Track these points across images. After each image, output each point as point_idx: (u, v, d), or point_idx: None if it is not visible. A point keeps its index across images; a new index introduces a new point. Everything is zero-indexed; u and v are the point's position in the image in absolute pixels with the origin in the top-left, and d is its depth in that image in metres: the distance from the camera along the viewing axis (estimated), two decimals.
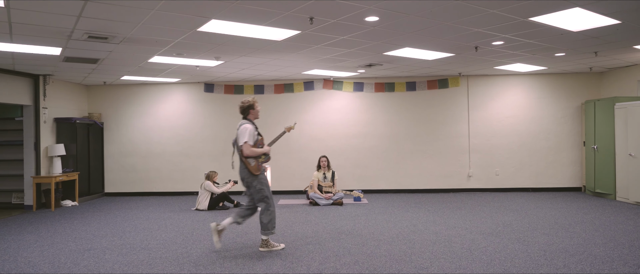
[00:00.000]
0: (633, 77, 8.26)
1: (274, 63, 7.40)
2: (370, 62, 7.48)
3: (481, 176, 9.31)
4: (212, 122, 9.59)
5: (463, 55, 6.97)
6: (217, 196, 7.53)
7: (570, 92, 9.23)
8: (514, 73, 9.12)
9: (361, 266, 4.15)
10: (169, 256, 4.63)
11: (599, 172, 8.35)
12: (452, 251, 4.60)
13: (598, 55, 7.12)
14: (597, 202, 7.61)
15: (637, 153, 7.35)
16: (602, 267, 4.01)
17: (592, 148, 8.51)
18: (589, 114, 8.70)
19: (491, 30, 5.41)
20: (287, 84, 9.49)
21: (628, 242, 4.87)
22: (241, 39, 5.55)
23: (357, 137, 9.46)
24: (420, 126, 9.40)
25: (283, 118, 9.50)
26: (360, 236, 5.34)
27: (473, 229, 5.65)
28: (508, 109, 9.31)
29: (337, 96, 9.53)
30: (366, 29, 5.23)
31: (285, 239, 5.28)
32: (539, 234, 5.31)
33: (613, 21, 5.05)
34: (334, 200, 7.74)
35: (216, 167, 9.21)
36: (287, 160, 9.47)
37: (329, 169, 8.04)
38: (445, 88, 9.36)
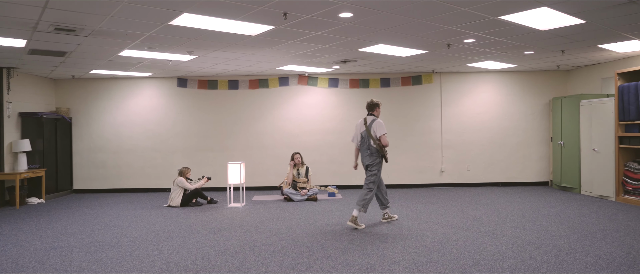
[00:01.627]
0: (597, 75, 8.56)
1: (248, 58, 7.34)
2: (344, 58, 7.51)
3: (453, 172, 9.49)
4: (186, 117, 9.46)
5: (436, 52, 7.07)
6: (190, 192, 7.44)
7: (539, 90, 9.49)
8: (485, 70, 9.31)
9: (334, 261, 4.17)
10: (139, 254, 4.55)
11: (565, 167, 8.64)
12: (424, 245, 4.68)
13: (565, 53, 7.34)
14: (562, 196, 7.87)
15: (601, 149, 7.63)
16: (566, 258, 4.16)
17: (559, 144, 8.79)
18: (556, 110, 8.97)
19: (463, 28, 5.51)
20: (262, 80, 9.43)
21: (590, 234, 5.06)
22: (214, 33, 5.48)
23: (332, 133, 9.49)
24: (394, 122, 9.49)
25: (258, 114, 9.45)
26: (333, 231, 5.38)
27: (444, 223, 5.76)
28: (479, 106, 9.51)
29: (312, 91, 9.53)
30: (340, 25, 5.25)
31: (259, 235, 5.27)
32: (507, 227, 5.46)
33: (578, 21, 5.21)
34: (309, 196, 7.76)
35: (189, 163, 9.10)
36: (261, 155, 9.42)
37: (302, 165, 8.05)
38: (418, 84, 9.48)
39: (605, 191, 7.52)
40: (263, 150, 9.45)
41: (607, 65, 8.30)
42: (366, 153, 5.68)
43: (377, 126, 5.61)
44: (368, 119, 5.74)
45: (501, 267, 3.93)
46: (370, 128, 5.64)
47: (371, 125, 5.64)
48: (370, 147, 5.63)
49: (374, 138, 5.59)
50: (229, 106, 9.47)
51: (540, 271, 3.81)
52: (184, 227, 5.77)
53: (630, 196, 7.07)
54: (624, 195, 7.19)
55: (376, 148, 5.59)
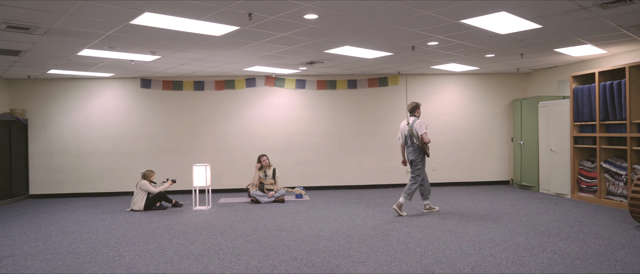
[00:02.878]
0: (554, 78, 8.91)
1: (213, 59, 7.24)
2: (311, 59, 7.52)
3: None
4: (150, 119, 9.24)
5: (401, 54, 7.18)
6: (154, 196, 7.27)
7: (500, 92, 9.79)
8: (449, 72, 9.53)
9: (299, 263, 4.17)
10: (99, 260, 4.41)
11: (524, 166, 8.94)
12: (389, 245, 4.74)
13: (524, 57, 7.61)
14: (522, 195, 8.14)
15: (557, 148, 7.95)
16: (524, 254, 4.30)
17: (519, 144, 9.09)
18: (516, 112, 9.28)
19: (426, 31, 5.62)
20: (228, 81, 9.33)
21: (547, 230, 5.26)
22: (178, 33, 5.38)
23: (300, 134, 9.49)
24: (362, 123, 9.59)
25: (224, 115, 9.34)
26: (300, 233, 5.37)
27: (409, 223, 5.85)
28: (444, 107, 9.72)
29: (279, 93, 9.50)
30: (306, 27, 5.25)
31: (224, 238, 5.20)
32: (469, 225, 5.60)
33: (535, 25, 5.41)
34: (276, 197, 7.72)
35: (153, 165, 8.88)
36: (228, 157, 9.32)
37: (269, 166, 8.01)
38: (385, 86, 9.61)
39: (562, 189, 7.83)
40: (230, 152, 9.34)
41: (563, 69, 8.65)
42: (410, 150, 6.47)
43: (419, 125, 6.36)
44: (410, 120, 6.48)
45: (463, 264, 4.03)
46: (412, 128, 6.37)
47: (413, 125, 6.39)
48: (413, 144, 6.40)
49: (416, 136, 6.32)
50: (194, 107, 9.32)
51: (499, 267, 3.93)
52: (147, 231, 5.63)
53: (585, 193, 7.39)
54: (578, 193, 7.50)
55: (418, 145, 6.35)
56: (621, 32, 5.75)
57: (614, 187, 6.84)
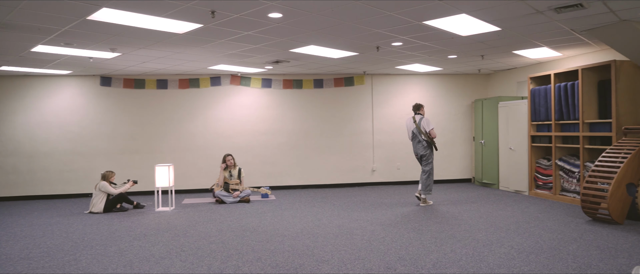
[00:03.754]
0: (513, 79, 9.22)
1: (177, 57, 7.09)
2: (277, 58, 7.49)
3: (384, 171, 9.79)
4: (110, 118, 8.95)
5: (366, 54, 7.25)
6: (114, 197, 7.05)
7: (462, 92, 10.04)
8: (414, 73, 9.70)
9: (263, 263, 4.14)
10: (53, 265, 4.23)
11: (485, 164, 9.21)
12: (353, 243, 4.78)
13: (484, 58, 7.83)
14: (483, 192, 8.38)
15: (516, 147, 8.23)
16: (483, 250, 4.43)
17: (480, 143, 9.36)
18: (477, 111, 9.55)
19: (390, 32, 5.69)
20: (192, 79, 9.16)
21: (505, 226, 5.44)
22: (138, 30, 5.24)
23: (266, 133, 9.43)
24: (328, 122, 9.62)
25: (188, 114, 9.16)
26: (265, 233, 5.34)
27: (374, 221, 5.92)
28: (408, 107, 9.83)
29: (245, 92, 9.40)
30: (270, 26, 5.22)
31: (187, 239, 5.10)
32: (432, 223, 5.72)
33: (495, 28, 5.57)
34: (241, 197, 7.64)
35: (114, 166, 8.62)
36: (192, 157, 9.15)
37: (235, 166, 7.92)
38: (351, 86, 9.68)
39: (520, 186, 8.11)
40: (194, 152, 9.17)
41: (521, 70, 8.96)
42: (419, 146, 6.94)
43: (426, 122, 6.90)
44: (416, 118, 6.98)
45: (424, 261, 4.10)
46: (420, 125, 6.90)
47: (420, 123, 6.91)
48: (421, 140, 6.89)
49: (424, 132, 6.85)
50: (157, 106, 9.10)
51: (459, 263, 4.03)
52: (106, 234, 5.45)
53: (541, 190, 7.68)
54: (535, 189, 7.80)
55: (426, 140, 6.85)
56: (574, 35, 6.00)
57: (568, 184, 7.14)
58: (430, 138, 6.89)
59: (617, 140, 6.15)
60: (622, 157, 5.63)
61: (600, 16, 5.05)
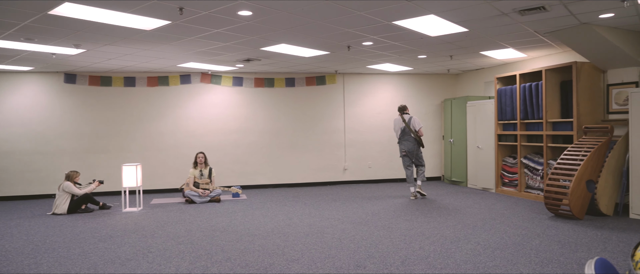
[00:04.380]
0: (481, 79, 9.44)
1: (144, 54, 6.94)
2: (248, 57, 7.43)
3: (355, 169, 9.86)
4: (75, 116, 8.67)
5: (337, 53, 7.28)
6: (78, 198, 6.84)
7: (432, 91, 10.22)
8: (385, 72, 9.80)
9: (233, 263, 4.10)
10: (13, 269, 4.07)
11: (454, 162, 9.40)
12: (323, 242, 4.79)
13: (453, 58, 7.99)
14: (452, 189, 8.56)
15: (484, 146, 8.43)
16: (450, 246, 4.52)
17: (449, 141, 9.54)
18: (447, 111, 9.73)
19: (360, 31, 5.73)
20: (161, 77, 8.98)
21: (472, 223, 5.57)
22: (103, 26, 5.09)
23: (237, 132, 9.34)
24: (299, 121, 9.61)
25: (157, 113, 8.98)
26: (235, 232, 5.29)
27: (345, 219, 5.95)
28: (379, 106, 9.98)
29: (215, 90, 9.29)
30: (240, 23, 5.17)
31: (155, 240, 5.00)
32: (402, 220, 5.79)
33: (462, 29, 5.69)
34: (211, 197, 7.55)
35: (79, 166, 8.36)
36: (161, 157, 8.97)
37: (206, 165, 7.82)
38: (322, 85, 9.70)
39: (487, 184, 8.32)
40: (163, 151, 9.00)
41: (489, 70, 9.18)
42: (408, 143, 7.42)
43: (416, 122, 7.42)
44: (405, 117, 7.44)
45: (393, 258, 4.15)
46: (409, 124, 7.39)
47: (410, 122, 7.40)
48: (410, 138, 7.39)
49: (414, 131, 7.35)
50: (125, 104, 8.88)
51: (427, 259, 4.10)
52: (69, 236, 5.29)
53: (507, 187, 7.90)
54: (502, 187, 8.01)
55: (415, 138, 7.38)
56: (538, 37, 6.19)
57: (533, 181, 7.37)
58: (419, 136, 7.38)
59: (578, 139, 6.38)
60: (583, 155, 5.85)
61: (562, 19, 5.23)
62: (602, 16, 5.14)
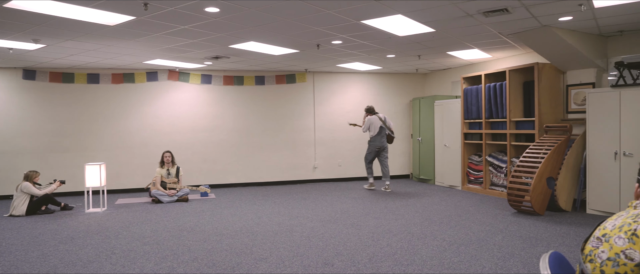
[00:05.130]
0: (448, 79, 9.63)
1: (108, 50, 6.74)
2: (216, 54, 7.33)
3: (325, 167, 9.89)
4: (34, 114, 8.34)
5: (307, 52, 7.27)
6: (38, 199, 6.59)
7: (401, 90, 10.35)
8: (355, 71, 9.87)
9: (200, 263, 4.05)
10: None
11: (422, 160, 9.57)
12: (292, 240, 4.78)
13: (421, 58, 8.12)
14: (420, 187, 8.70)
15: (451, 144, 8.61)
16: (417, 243, 4.60)
17: (418, 140, 9.70)
18: (415, 110, 9.89)
19: (330, 30, 5.75)
20: (127, 74, 8.75)
21: (439, 219, 5.68)
22: (64, 20, 4.92)
23: (205, 131, 9.21)
24: (269, 119, 9.56)
25: (123, 110, 8.75)
26: (202, 232, 5.21)
27: (314, 217, 5.96)
28: (349, 105, 10.04)
29: (183, 88, 9.12)
30: (207, 20, 5.09)
31: (119, 241, 4.88)
32: (370, 218, 5.85)
33: (429, 29, 5.78)
34: (179, 197, 7.42)
35: (40, 166, 8.05)
36: (127, 156, 8.75)
37: (173, 164, 7.67)
38: (293, 83, 9.68)
39: (454, 181, 8.51)
40: (129, 149, 8.77)
41: (455, 70, 9.38)
42: (384, 140, 8.10)
43: (390, 120, 8.29)
44: (381, 116, 8.10)
45: (361, 255, 4.19)
46: (385, 122, 8.08)
47: (386, 120, 8.11)
48: (384, 135, 8.05)
49: (389, 128, 8.08)
50: (88, 101, 8.60)
51: (394, 256, 4.16)
52: (28, 238, 5.09)
53: (473, 184, 8.10)
54: (468, 184, 8.21)
55: (388, 134, 8.08)
56: (502, 38, 6.37)
57: (497, 179, 7.58)
58: (392, 133, 8.17)
59: (539, 137, 6.60)
60: (543, 153, 6.06)
61: (524, 21, 5.40)
62: (561, 19, 5.33)
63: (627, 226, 1.51)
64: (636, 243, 1.45)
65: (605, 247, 1.54)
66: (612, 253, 1.50)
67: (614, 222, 1.59)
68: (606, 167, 5.72)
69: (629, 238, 1.47)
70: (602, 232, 1.59)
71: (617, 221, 1.58)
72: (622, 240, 1.49)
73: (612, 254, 1.50)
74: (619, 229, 1.53)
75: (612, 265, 1.48)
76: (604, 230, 1.60)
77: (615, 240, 1.51)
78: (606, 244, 1.54)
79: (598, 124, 5.81)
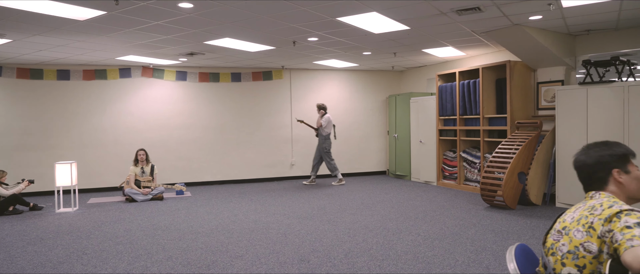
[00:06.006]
0: (424, 76, 9.76)
1: (79, 46, 6.57)
2: (191, 50, 7.23)
3: (302, 164, 9.89)
4: (1, 111, 8.06)
5: (283, 49, 7.25)
6: (5, 199, 6.38)
7: (378, 88, 10.43)
8: (331, 68, 9.89)
9: (174, 262, 4.00)
10: None
11: (398, 157, 9.67)
12: (268, 237, 4.78)
13: (397, 56, 8.19)
14: (396, 183, 8.80)
15: (426, 140, 8.73)
16: (392, 238, 4.65)
17: (394, 137, 9.80)
18: (391, 107, 9.98)
19: (305, 27, 5.74)
20: (99, 70, 8.54)
21: (414, 215, 5.76)
22: (31, 14, 4.77)
23: (181, 128, 9.08)
24: (246, 117, 9.50)
25: (95, 108, 8.54)
26: (177, 231, 5.15)
27: (290, 214, 5.96)
28: (326, 101, 10.03)
29: (158, 84, 8.97)
30: (181, 16, 5.02)
31: (91, 241, 4.77)
32: (346, 214, 5.89)
33: (404, 27, 5.84)
34: (153, 195, 7.30)
35: (6, 165, 7.80)
36: (100, 154, 8.55)
37: (147, 163, 7.55)
38: (269, 80, 9.63)
39: (429, 177, 8.63)
40: (102, 148, 8.58)
41: (431, 68, 9.50)
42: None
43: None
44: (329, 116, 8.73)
45: (337, 251, 4.22)
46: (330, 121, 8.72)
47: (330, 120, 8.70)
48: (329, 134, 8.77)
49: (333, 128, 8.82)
50: (58, 98, 8.37)
51: (370, 251, 4.20)
52: None
53: (448, 180, 8.24)
54: (443, 180, 8.34)
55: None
56: (475, 37, 6.48)
57: (471, 174, 7.73)
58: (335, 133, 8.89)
59: (511, 133, 6.76)
60: (515, 148, 6.20)
61: (496, 20, 5.51)
62: (531, 18, 5.46)
63: (584, 218, 1.57)
64: (593, 235, 1.51)
65: (565, 240, 1.60)
66: (572, 245, 1.56)
67: (573, 215, 1.64)
68: None
69: (587, 231, 1.53)
70: (562, 225, 1.64)
71: (576, 213, 1.63)
72: (580, 233, 1.54)
73: (572, 247, 1.55)
74: (577, 222, 1.59)
75: (572, 258, 1.54)
76: (564, 223, 1.65)
77: (575, 233, 1.57)
78: (566, 237, 1.60)
79: (567, 121, 5.99)
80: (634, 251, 1.32)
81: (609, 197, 1.61)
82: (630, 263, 1.32)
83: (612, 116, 5.47)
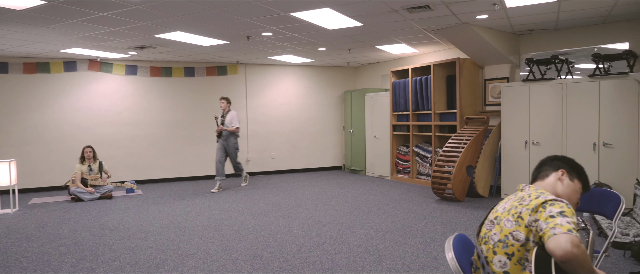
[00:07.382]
0: (378, 72, 9.92)
1: (17, 37, 6.20)
2: (141, 44, 6.99)
3: (258, 160, 9.82)
4: None
5: (237, 43, 7.15)
6: None
7: (333, 83, 10.51)
8: (287, 63, 9.86)
9: (122, 262, 3.87)
10: None
11: (354, 152, 9.79)
12: (221, 234, 4.72)
13: (351, 52, 8.28)
14: (351, 178, 8.91)
15: (380, 136, 8.89)
16: (345, 232, 4.72)
17: (349, 132, 9.91)
18: (347, 102, 10.08)
19: (259, 22, 5.68)
20: (41, 63, 8.09)
21: (367, 209, 5.86)
22: None
23: (131, 124, 8.77)
24: (200, 112, 9.30)
25: (37, 103, 8.10)
26: (126, 230, 4.99)
27: (245, 211, 5.91)
28: (282, 97, 10.03)
29: (106, 79, 8.61)
30: (128, 8, 4.84)
31: (32, 244, 4.54)
32: (301, 209, 5.91)
33: (357, 23, 5.90)
34: (101, 194, 7.03)
35: None
36: (43, 152, 8.13)
37: (95, 160, 7.25)
38: (224, 75, 9.48)
39: (384, 172, 8.80)
40: (45, 145, 8.15)
41: (385, 64, 9.67)
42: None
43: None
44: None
45: (290, 246, 4.23)
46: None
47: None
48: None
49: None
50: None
51: (323, 246, 4.23)
52: None
53: (401, 174, 8.43)
54: (397, 174, 8.53)
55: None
56: (426, 34, 6.65)
57: (423, 168, 7.95)
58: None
59: (460, 128, 7.00)
60: (464, 143, 6.43)
61: (445, 18, 5.67)
62: (478, 17, 5.67)
63: (514, 208, 1.66)
64: (521, 224, 1.60)
65: (496, 229, 1.68)
66: (503, 234, 1.64)
67: (505, 205, 1.73)
68: (518, 155, 6.20)
69: (516, 221, 1.62)
70: (495, 215, 1.73)
71: (507, 204, 1.72)
72: (510, 223, 1.63)
73: (502, 236, 1.64)
74: (508, 212, 1.68)
75: (502, 246, 1.62)
76: (496, 213, 1.74)
77: (505, 223, 1.65)
78: (497, 227, 1.68)
79: (511, 116, 6.27)
80: (556, 239, 1.41)
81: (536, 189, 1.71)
82: (553, 250, 1.41)
83: (552, 111, 5.78)
